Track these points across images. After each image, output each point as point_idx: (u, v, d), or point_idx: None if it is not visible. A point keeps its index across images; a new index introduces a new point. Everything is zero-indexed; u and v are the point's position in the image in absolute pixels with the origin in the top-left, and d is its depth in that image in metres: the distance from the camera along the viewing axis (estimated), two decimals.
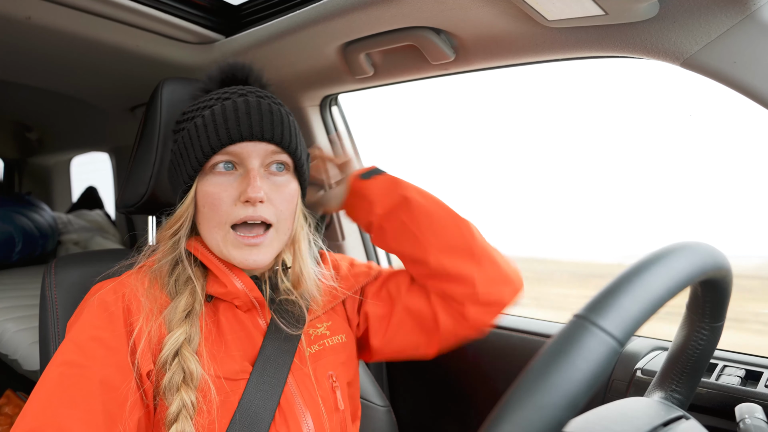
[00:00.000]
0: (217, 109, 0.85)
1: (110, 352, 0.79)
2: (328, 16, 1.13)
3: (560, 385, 0.40)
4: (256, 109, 0.85)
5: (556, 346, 0.43)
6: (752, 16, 0.81)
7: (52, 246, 2.46)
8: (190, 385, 0.79)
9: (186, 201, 0.88)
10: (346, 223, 1.77)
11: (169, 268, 0.89)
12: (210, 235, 0.87)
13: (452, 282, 0.95)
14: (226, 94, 0.87)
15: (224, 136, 0.83)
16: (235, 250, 0.85)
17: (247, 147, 0.85)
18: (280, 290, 0.96)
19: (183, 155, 0.87)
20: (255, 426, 0.82)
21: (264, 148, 0.86)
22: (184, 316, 0.83)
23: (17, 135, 2.98)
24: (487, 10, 1.00)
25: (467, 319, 0.95)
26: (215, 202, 0.85)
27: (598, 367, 0.41)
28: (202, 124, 0.84)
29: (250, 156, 0.85)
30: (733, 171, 1.78)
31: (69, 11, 1.18)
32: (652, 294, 0.47)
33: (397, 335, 1.01)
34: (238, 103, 0.85)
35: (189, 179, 0.87)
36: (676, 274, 0.49)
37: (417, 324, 0.99)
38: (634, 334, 0.45)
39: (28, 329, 1.86)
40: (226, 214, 0.84)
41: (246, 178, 0.84)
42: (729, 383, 1.04)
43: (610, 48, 0.99)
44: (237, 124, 0.83)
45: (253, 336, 0.90)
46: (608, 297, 0.46)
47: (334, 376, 0.95)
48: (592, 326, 0.43)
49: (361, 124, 1.78)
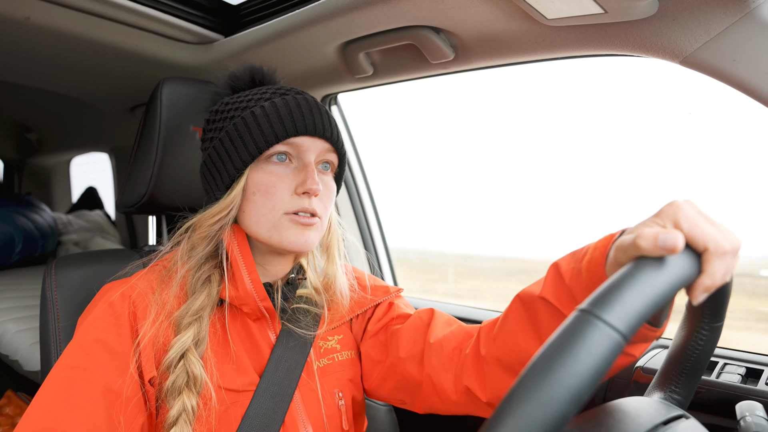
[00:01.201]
0: (279, 102, 0.86)
1: (115, 357, 0.78)
2: (327, 15, 1.13)
3: (565, 379, 0.40)
4: (316, 108, 0.88)
5: (559, 339, 0.43)
6: (751, 14, 0.81)
7: (52, 246, 2.46)
8: (192, 390, 0.79)
9: (236, 188, 0.87)
10: (346, 219, 1.77)
11: (199, 262, 0.89)
12: (258, 223, 0.87)
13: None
14: (281, 90, 0.90)
15: (290, 127, 0.85)
16: (288, 231, 0.86)
17: (307, 141, 0.87)
18: (293, 299, 0.95)
19: (237, 142, 0.86)
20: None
21: (321, 145, 0.89)
22: (194, 319, 0.83)
23: (17, 135, 2.99)
24: (486, 8, 1.00)
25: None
26: (270, 190, 0.86)
27: (603, 361, 0.41)
28: (263, 114, 0.85)
29: (308, 150, 0.88)
30: (732, 169, 1.78)
31: (68, 11, 1.18)
32: (656, 288, 0.47)
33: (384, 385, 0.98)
34: (299, 99, 0.88)
35: (243, 166, 0.87)
36: (679, 270, 0.49)
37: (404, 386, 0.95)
38: (638, 329, 0.44)
39: (28, 330, 1.86)
40: (281, 202, 0.86)
41: (302, 171, 0.87)
42: (729, 381, 1.04)
43: (609, 46, 0.99)
44: (302, 118, 0.86)
45: (261, 348, 0.89)
46: (612, 291, 0.45)
47: (340, 393, 0.94)
48: (596, 320, 0.43)
49: (360, 123, 1.78)
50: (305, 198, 0.86)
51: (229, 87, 0.95)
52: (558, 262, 0.73)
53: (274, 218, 0.86)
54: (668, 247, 0.48)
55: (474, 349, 0.85)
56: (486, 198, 3.18)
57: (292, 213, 0.86)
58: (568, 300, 0.69)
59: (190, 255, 0.89)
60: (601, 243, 0.65)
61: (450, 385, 0.87)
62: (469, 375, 0.84)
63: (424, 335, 0.92)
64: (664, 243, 0.48)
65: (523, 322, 0.76)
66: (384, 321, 0.99)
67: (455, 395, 0.87)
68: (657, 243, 0.48)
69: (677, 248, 0.48)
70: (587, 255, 0.66)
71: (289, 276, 0.97)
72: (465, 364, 0.85)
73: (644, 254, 0.50)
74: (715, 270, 0.51)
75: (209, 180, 0.92)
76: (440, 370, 0.88)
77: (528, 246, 3.17)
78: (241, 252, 0.88)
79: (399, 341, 0.94)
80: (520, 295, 0.78)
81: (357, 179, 1.79)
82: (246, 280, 0.87)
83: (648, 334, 0.63)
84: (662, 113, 1.94)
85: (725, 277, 0.53)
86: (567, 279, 0.69)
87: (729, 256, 0.52)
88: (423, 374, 0.90)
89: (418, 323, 0.95)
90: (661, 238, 0.48)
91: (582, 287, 0.67)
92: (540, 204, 2.93)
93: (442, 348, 0.89)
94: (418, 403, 0.94)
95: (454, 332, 0.91)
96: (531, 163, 2.94)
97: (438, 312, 0.97)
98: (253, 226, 0.88)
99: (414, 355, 0.92)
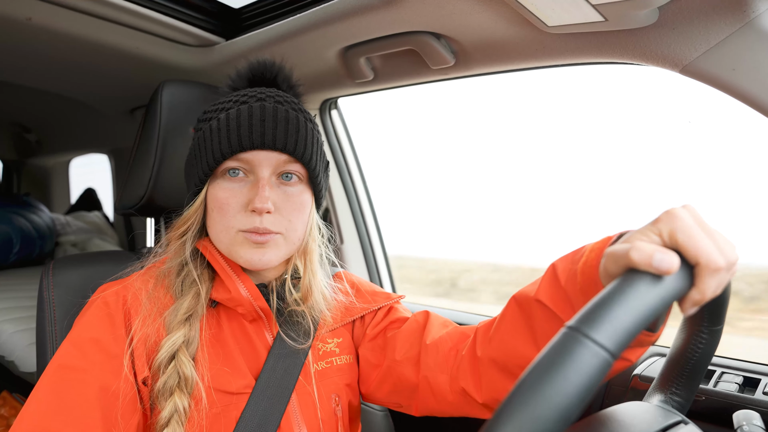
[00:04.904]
0: (233, 114, 0.83)
1: (109, 357, 0.78)
2: (329, 20, 1.13)
3: (552, 397, 0.40)
4: (271, 116, 0.83)
5: (547, 357, 0.42)
6: (751, 24, 0.81)
7: (50, 247, 2.46)
8: (184, 391, 0.78)
9: (196, 203, 0.87)
10: (345, 225, 1.77)
11: (177, 269, 0.89)
12: (218, 238, 0.86)
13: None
14: (245, 97, 0.85)
15: (235, 143, 0.82)
16: (242, 250, 0.84)
17: (258, 155, 0.83)
18: (288, 301, 0.94)
19: (197, 157, 0.86)
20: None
21: (276, 157, 0.84)
22: (184, 319, 0.83)
23: (16, 136, 2.99)
24: (487, 15, 1.00)
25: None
26: (223, 208, 0.84)
27: (591, 379, 0.41)
28: (216, 128, 0.83)
29: (260, 164, 0.84)
30: (732, 178, 1.78)
31: (70, 13, 1.18)
32: (645, 304, 0.46)
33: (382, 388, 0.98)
34: (254, 108, 0.83)
35: (200, 182, 0.86)
36: (670, 285, 0.49)
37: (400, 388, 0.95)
38: (627, 347, 0.44)
39: (25, 330, 1.86)
40: (234, 220, 0.83)
41: (255, 187, 0.83)
42: (727, 390, 1.04)
43: (609, 54, 0.99)
44: (249, 132, 0.82)
45: (258, 349, 0.89)
46: (601, 307, 0.45)
47: (337, 398, 0.93)
48: (584, 338, 0.43)
49: (360, 127, 1.78)
50: (256, 216, 0.82)
51: (229, 87, 0.93)
52: (556, 263, 0.72)
53: (230, 235, 0.84)
54: (662, 270, 0.47)
55: (470, 350, 0.84)
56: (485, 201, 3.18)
57: (246, 231, 0.83)
58: (563, 302, 0.69)
59: (171, 261, 0.89)
60: (597, 245, 0.65)
61: (446, 385, 0.87)
62: (465, 376, 0.84)
63: (420, 337, 0.92)
64: (659, 264, 0.47)
65: (519, 323, 0.76)
66: (382, 325, 0.99)
67: (451, 396, 0.86)
68: (652, 263, 0.48)
69: (671, 271, 0.48)
70: (583, 257, 0.66)
71: (283, 276, 0.95)
72: (461, 365, 0.85)
73: (636, 268, 0.49)
74: (707, 286, 0.50)
75: (186, 188, 0.93)
76: (436, 370, 0.88)
77: (524, 252, 3.16)
78: (225, 258, 0.88)
79: (395, 344, 0.94)
80: (516, 297, 0.78)
81: (356, 184, 1.79)
82: (239, 285, 0.87)
83: (644, 339, 0.63)
84: (662, 122, 1.95)
85: (716, 292, 0.52)
86: (563, 281, 0.69)
87: (722, 272, 0.51)
88: (419, 376, 0.90)
89: (414, 326, 0.95)
90: (657, 259, 0.47)
91: (577, 289, 0.66)
92: (540, 210, 2.93)
93: (438, 349, 0.89)
94: (415, 405, 0.94)
95: (450, 333, 0.91)
96: (531, 171, 2.94)
97: (434, 314, 0.97)
98: (216, 241, 0.87)
99: (410, 357, 0.92)
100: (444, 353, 0.89)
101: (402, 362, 0.92)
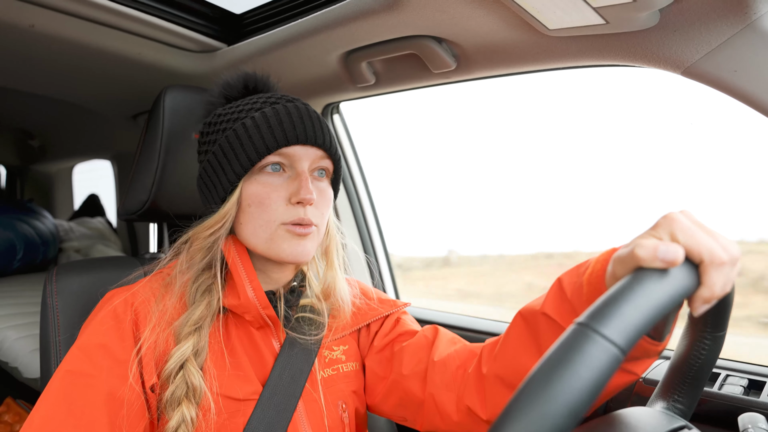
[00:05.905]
0: (270, 112, 0.86)
1: (117, 364, 0.78)
2: (330, 25, 1.13)
3: (562, 394, 0.40)
4: (307, 115, 0.88)
5: (557, 353, 0.42)
6: (753, 25, 0.81)
7: (54, 253, 2.46)
8: (192, 400, 0.78)
9: (230, 200, 0.87)
10: (347, 230, 1.77)
11: (196, 273, 0.88)
12: (255, 234, 0.87)
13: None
14: (272, 99, 0.89)
15: (281, 138, 0.85)
16: (284, 243, 0.86)
17: (299, 150, 0.87)
18: (296, 308, 0.94)
19: (229, 155, 0.86)
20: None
21: (314, 153, 0.88)
22: (194, 329, 0.83)
23: (19, 142, 2.99)
24: (488, 19, 1.00)
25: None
26: (265, 202, 0.85)
27: (601, 375, 0.41)
28: (254, 126, 0.85)
29: (301, 159, 0.87)
30: (734, 179, 1.78)
31: (72, 19, 1.18)
32: (654, 301, 0.46)
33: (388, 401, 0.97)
34: (290, 107, 0.87)
35: (236, 178, 0.86)
36: (677, 282, 0.49)
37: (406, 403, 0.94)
38: (636, 342, 0.44)
39: (28, 337, 1.86)
40: (276, 213, 0.85)
41: (296, 180, 0.86)
42: (732, 393, 1.04)
43: (611, 57, 0.99)
44: (293, 127, 0.85)
45: (265, 356, 0.89)
46: (609, 304, 0.45)
47: (343, 405, 0.93)
48: (594, 333, 0.43)
49: (363, 132, 1.78)
50: (300, 207, 0.85)
51: (223, 96, 0.95)
52: (561, 277, 0.73)
53: (271, 229, 0.85)
54: (668, 260, 0.48)
55: (476, 368, 0.84)
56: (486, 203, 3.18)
57: (289, 224, 0.85)
58: (569, 314, 0.69)
59: (189, 266, 0.89)
60: (603, 257, 0.65)
61: (452, 404, 0.86)
62: (471, 394, 0.83)
63: (428, 353, 0.92)
64: (664, 255, 0.48)
65: (525, 338, 0.76)
66: (390, 336, 0.99)
67: (457, 415, 0.86)
68: (657, 255, 0.48)
69: (677, 261, 0.48)
70: (588, 269, 0.66)
71: (292, 284, 0.96)
72: (467, 384, 0.85)
73: (642, 265, 0.49)
74: (714, 281, 0.51)
75: (205, 192, 0.92)
76: (443, 389, 0.88)
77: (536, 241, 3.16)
78: (242, 260, 0.88)
79: (403, 358, 0.94)
80: (522, 312, 0.78)
81: (358, 187, 1.79)
82: (247, 288, 0.86)
83: (650, 348, 0.63)
84: (664, 123, 1.94)
85: (725, 288, 0.52)
86: (569, 293, 0.69)
87: (727, 267, 0.52)
88: (425, 392, 0.90)
89: (423, 341, 0.94)
90: (662, 250, 0.48)
91: (583, 301, 0.66)
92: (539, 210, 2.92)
93: (445, 367, 0.89)
94: (420, 421, 0.93)
95: (458, 351, 0.91)
96: (531, 173, 2.94)
97: (442, 330, 0.97)
98: (251, 237, 0.87)
99: (417, 372, 0.91)
100: (452, 371, 0.88)
101: (409, 377, 0.92)
